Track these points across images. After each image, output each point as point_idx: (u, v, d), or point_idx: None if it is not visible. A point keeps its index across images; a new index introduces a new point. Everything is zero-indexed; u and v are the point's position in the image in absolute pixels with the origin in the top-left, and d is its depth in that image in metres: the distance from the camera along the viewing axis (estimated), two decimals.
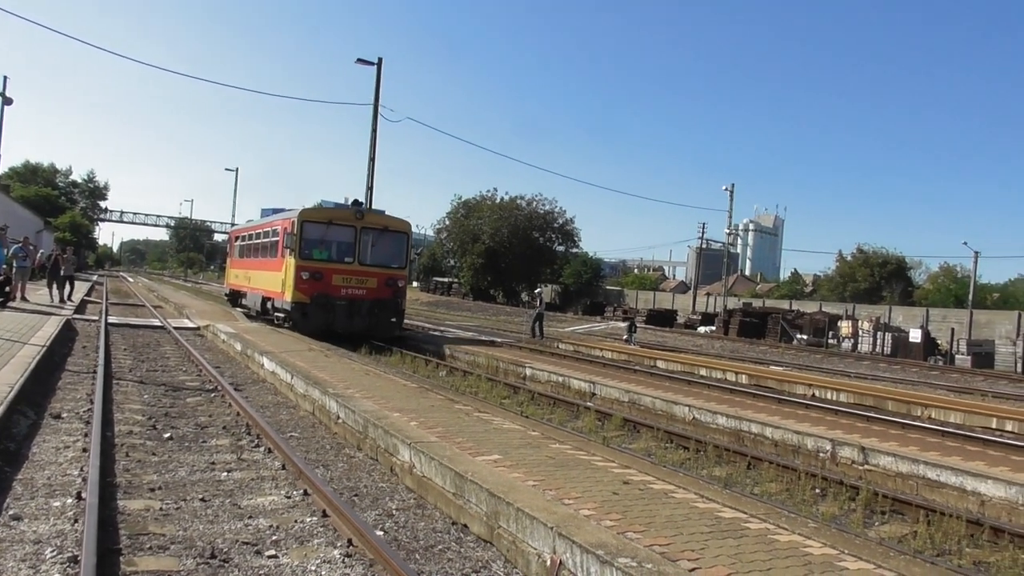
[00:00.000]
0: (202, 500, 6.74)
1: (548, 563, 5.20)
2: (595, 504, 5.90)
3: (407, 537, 6.12)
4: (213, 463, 8.06)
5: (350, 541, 5.80)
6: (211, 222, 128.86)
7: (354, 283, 21.45)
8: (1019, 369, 30.87)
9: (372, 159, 31.20)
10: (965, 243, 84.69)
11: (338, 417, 10.05)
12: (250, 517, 6.35)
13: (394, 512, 6.77)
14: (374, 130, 31.19)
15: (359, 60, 31.13)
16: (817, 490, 8.72)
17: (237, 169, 72.81)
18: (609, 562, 4.64)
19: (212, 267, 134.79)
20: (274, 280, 23.18)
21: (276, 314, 23.31)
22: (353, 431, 9.42)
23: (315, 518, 6.39)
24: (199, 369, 15.09)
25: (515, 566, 5.59)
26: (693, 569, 4.62)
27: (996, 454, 10.06)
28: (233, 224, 80.00)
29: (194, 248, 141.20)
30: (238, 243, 31.18)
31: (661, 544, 5.02)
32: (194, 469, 7.80)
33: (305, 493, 7.05)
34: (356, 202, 23.45)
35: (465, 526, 6.37)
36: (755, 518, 5.78)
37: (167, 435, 9.20)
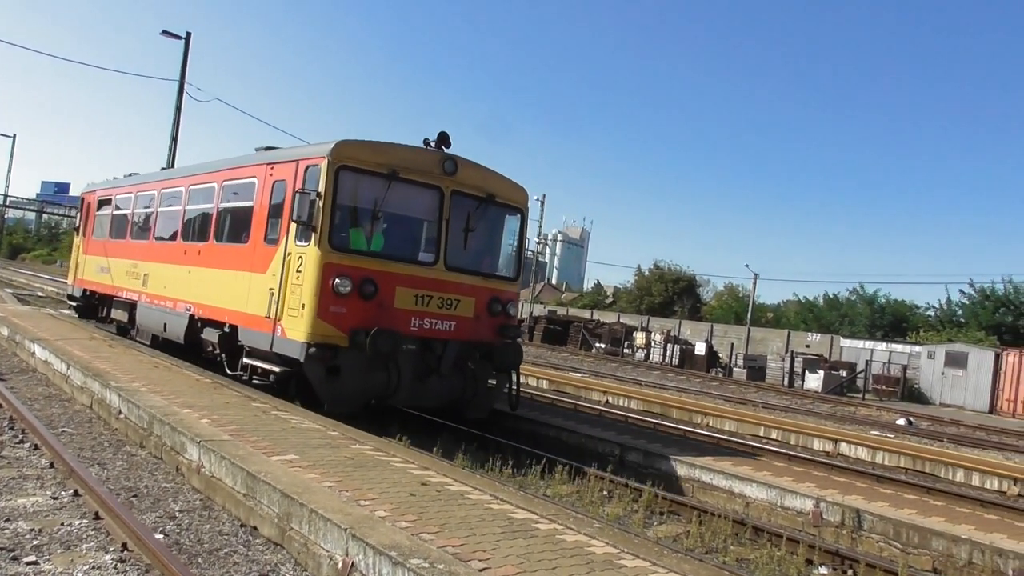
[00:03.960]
0: None
1: (340, 565, 5.12)
2: (392, 505, 5.87)
3: (190, 540, 5.81)
4: None
5: (124, 545, 5.42)
6: None
7: (435, 306, 10.61)
8: (786, 382, 34.06)
9: (175, 138, 29.30)
10: (747, 265, 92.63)
11: (120, 412, 9.36)
12: (7, 520, 5.78)
13: (177, 514, 6.40)
14: (178, 108, 29.32)
15: (164, 32, 29.16)
16: (605, 492, 9.17)
17: (15, 136, 66.00)
18: (402, 563, 4.64)
19: None
20: (244, 289, 11.36)
21: (250, 361, 11.29)
22: (136, 427, 8.81)
23: (86, 520, 5.91)
24: None
25: (305, 568, 5.45)
26: (483, 569, 4.72)
27: (761, 459, 11.04)
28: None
29: None
30: (110, 211, 18.55)
31: (454, 545, 5.08)
32: None
33: (76, 493, 6.51)
34: (442, 139, 11.14)
35: (255, 528, 6.14)
36: (545, 519, 5.99)
37: None
